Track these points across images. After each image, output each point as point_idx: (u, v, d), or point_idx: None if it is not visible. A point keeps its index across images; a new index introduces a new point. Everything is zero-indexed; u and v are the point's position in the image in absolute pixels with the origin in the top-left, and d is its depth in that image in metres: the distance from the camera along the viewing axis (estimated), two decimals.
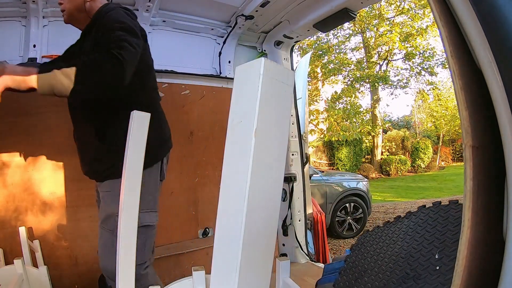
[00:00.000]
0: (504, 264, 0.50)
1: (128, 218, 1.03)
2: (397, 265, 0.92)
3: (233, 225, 0.69)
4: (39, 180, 1.86)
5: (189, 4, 2.00)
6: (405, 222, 1.11)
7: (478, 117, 0.53)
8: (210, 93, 2.32)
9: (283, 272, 0.99)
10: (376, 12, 12.32)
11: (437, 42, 12.94)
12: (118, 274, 0.98)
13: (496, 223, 0.53)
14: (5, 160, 1.80)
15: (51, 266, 1.70)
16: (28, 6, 1.69)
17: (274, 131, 0.71)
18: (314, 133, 12.90)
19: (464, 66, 0.54)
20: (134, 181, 1.06)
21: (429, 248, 0.89)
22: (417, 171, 14.18)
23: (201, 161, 2.32)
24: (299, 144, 2.47)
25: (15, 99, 1.81)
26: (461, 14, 0.53)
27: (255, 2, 1.94)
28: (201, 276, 0.95)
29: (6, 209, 1.79)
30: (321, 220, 2.74)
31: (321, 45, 12.89)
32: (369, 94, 14.15)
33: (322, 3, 1.86)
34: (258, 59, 0.66)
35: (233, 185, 0.72)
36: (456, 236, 0.86)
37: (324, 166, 13.69)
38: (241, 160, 0.68)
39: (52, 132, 1.87)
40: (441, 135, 16.11)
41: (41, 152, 1.87)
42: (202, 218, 2.30)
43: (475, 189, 0.51)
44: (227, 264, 0.71)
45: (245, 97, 0.69)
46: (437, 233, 0.93)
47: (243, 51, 2.41)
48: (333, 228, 4.91)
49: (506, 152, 0.50)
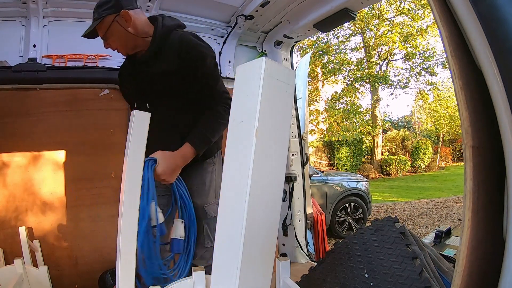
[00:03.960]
0: (504, 264, 0.50)
1: (128, 218, 1.03)
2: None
3: (233, 225, 0.69)
4: (39, 180, 1.86)
5: (189, 4, 2.00)
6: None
7: (478, 117, 0.53)
8: None
9: (283, 272, 0.99)
10: (376, 12, 12.32)
11: (437, 42, 12.95)
12: (118, 274, 0.98)
13: (496, 223, 0.53)
14: (5, 160, 1.80)
15: (51, 266, 1.70)
16: (28, 6, 1.69)
17: (275, 131, 0.71)
18: (314, 133, 12.89)
19: (464, 66, 0.54)
20: (135, 180, 1.06)
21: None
22: (417, 171, 14.18)
23: None
24: (299, 144, 2.47)
25: (15, 99, 1.81)
26: (461, 14, 0.53)
27: (255, 2, 1.94)
28: (201, 276, 0.95)
29: (6, 209, 1.79)
30: (321, 220, 2.74)
31: (321, 45, 12.88)
32: (369, 94, 14.16)
33: (322, 3, 1.86)
34: (259, 58, 0.66)
35: (233, 185, 0.72)
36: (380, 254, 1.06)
37: (324, 166, 13.69)
38: (242, 160, 0.68)
39: (52, 132, 1.87)
40: (441, 135, 16.11)
41: (41, 152, 1.87)
42: None
43: (475, 189, 0.52)
44: (227, 264, 0.71)
45: (246, 97, 0.69)
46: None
47: (243, 51, 2.41)
48: (333, 228, 4.91)
49: (506, 152, 0.50)
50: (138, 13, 1.27)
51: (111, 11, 1.21)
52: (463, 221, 0.52)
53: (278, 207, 0.79)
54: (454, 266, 0.55)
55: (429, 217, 6.07)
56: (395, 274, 0.98)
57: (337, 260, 1.17)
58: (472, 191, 0.51)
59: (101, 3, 1.23)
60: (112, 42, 1.28)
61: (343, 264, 1.13)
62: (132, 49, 1.32)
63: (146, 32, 1.28)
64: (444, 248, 2.27)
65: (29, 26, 1.75)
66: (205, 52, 1.28)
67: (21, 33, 1.77)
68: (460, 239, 0.53)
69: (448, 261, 1.23)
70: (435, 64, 12.88)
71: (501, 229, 0.53)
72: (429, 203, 7.46)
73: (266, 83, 0.65)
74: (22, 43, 1.78)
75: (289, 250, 2.42)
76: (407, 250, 1.03)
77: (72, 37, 1.88)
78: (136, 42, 1.29)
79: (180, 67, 1.25)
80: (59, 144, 1.88)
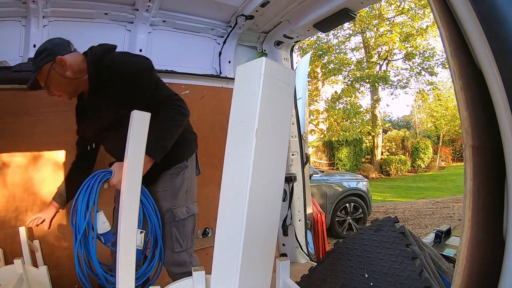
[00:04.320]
0: (504, 264, 0.50)
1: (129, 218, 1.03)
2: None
3: (233, 225, 0.69)
4: (39, 180, 1.86)
5: (189, 4, 2.00)
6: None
7: (478, 117, 0.53)
8: (210, 93, 2.32)
9: (283, 272, 0.99)
10: (376, 12, 12.32)
11: (437, 42, 12.94)
12: (118, 274, 0.98)
13: (496, 223, 0.53)
14: (5, 160, 1.80)
15: (51, 266, 1.69)
16: (28, 6, 1.69)
17: (275, 131, 0.71)
18: (314, 133, 12.87)
19: (464, 66, 0.54)
20: (135, 180, 1.06)
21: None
22: (417, 171, 14.18)
23: (201, 161, 2.31)
24: (299, 144, 2.47)
25: (15, 99, 1.81)
26: (461, 14, 0.53)
27: (255, 2, 1.94)
28: (201, 276, 0.95)
29: (6, 209, 1.79)
30: (321, 220, 2.74)
31: (321, 45, 12.87)
32: (369, 94, 14.15)
33: (322, 3, 1.86)
34: (259, 58, 0.66)
35: (233, 185, 0.72)
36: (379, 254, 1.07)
37: (324, 166, 13.69)
38: (242, 160, 0.68)
39: (52, 132, 1.87)
40: (441, 135, 16.11)
41: (41, 152, 1.87)
42: (202, 218, 2.29)
43: (475, 189, 0.51)
44: (227, 264, 0.71)
45: (246, 96, 0.69)
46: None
47: (243, 51, 2.41)
48: (333, 228, 4.90)
49: (506, 152, 0.50)
50: (73, 56, 1.31)
51: (48, 59, 1.25)
52: (463, 221, 0.52)
53: (278, 207, 0.79)
54: (454, 266, 0.55)
55: (429, 217, 6.07)
56: (395, 274, 0.98)
57: (337, 260, 1.17)
58: (472, 191, 0.51)
59: (37, 54, 1.27)
60: (54, 89, 1.31)
61: (343, 264, 1.13)
62: (75, 92, 1.36)
63: (84, 70, 1.31)
64: (444, 248, 2.27)
65: (29, 26, 1.75)
66: (135, 67, 1.31)
67: (21, 33, 1.77)
68: (460, 239, 0.53)
69: (448, 261, 1.23)
70: (435, 64, 12.88)
71: (501, 229, 0.53)
72: (429, 203, 7.46)
73: (266, 83, 0.65)
74: (22, 43, 1.78)
75: (289, 250, 2.42)
76: (407, 250, 1.03)
77: (72, 37, 1.87)
78: (77, 84, 1.32)
79: (120, 89, 1.28)
80: (59, 144, 1.88)
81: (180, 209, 1.42)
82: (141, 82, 1.30)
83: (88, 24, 1.90)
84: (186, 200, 1.46)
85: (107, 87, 1.29)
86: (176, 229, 1.41)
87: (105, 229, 1.21)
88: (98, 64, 1.29)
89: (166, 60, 2.14)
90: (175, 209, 1.41)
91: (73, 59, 1.29)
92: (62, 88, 1.31)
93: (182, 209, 1.43)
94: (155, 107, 1.30)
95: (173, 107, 1.32)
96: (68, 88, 1.32)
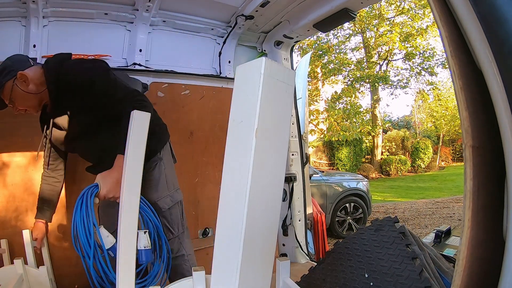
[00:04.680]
0: (504, 264, 0.50)
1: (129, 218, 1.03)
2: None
3: (233, 225, 0.69)
4: (39, 180, 1.85)
5: (189, 4, 2.00)
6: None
7: (478, 117, 0.53)
8: (210, 93, 2.32)
9: (283, 272, 0.99)
10: (376, 12, 12.31)
11: (437, 42, 12.93)
12: (118, 274, 0.98)
13: (496, 223, 0.53)
14: (5, 160, 1.80)
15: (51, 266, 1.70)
16: (28, 6, 1.69)
17: (275, 131, 0.71)
18: (314, 133, 12.87)
19: (464, 66, 0.54)
20: (135, 180, 1.06)
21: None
22: (417, 171, 14.18)
23: (201, 161, 2.32)
24: (299, 144, 2.47)
25: None
26: (461, 14, 0.53)
27: (255, 2, 1.94)
28: (201, 276, 0.95)
29: (7, 209, 1.79)
30: (321, 220, 2.74)
31: (321, 45, 12.87)
32: (369, 94, 14.16)
33: (322, 3, 1.86)
34: (259, 58, 0.66)
35: (233, 185, 0.72)
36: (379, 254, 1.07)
37: (324, 166, 13.69)
38: (241, 160, 0.68)
39: None
40: (441, 135, 16.11)
41: (41, 152, 1.86)
42: (202, 218, 2.30)
43: (475, 189, 0.51)
44: (227, 264, 0.71)
45: (246, 96, 0.69)
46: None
47: (243, 51, 2.41)
48: (333, 228, 4.91)
49: (506, 152, 0.50)
50: (33, 70, 1.30)
51: (9, 77, 1.25)
52: (463, 221, 0.52)
53: (278, 207, 0.79)
54: (454, 266, 0.55)
55: (429, 217, 6.07)
56: (395, 274, 0.98)
57: (337, 260, 1.17)
58: (472, 191, 0.51)
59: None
60: (19, 105, 1.32)
61: (343, 264, 1.13)
62: (39, 105, 1.37)
63: (45, 83, 1.31)
64: (444, 248, 2.27)
65: (29, 26, 1.75)
66: (92, 74, 1.31)
67: (21, 33, 1.77)
68: (460, 239, 0.53)
69: (448, 261, 1.23)
70: (435, 64, 12.88)
71: (501, 229, 0.53)
72: (429, 203, 7.46)
73: (266, 83, 0.65)
74: (22, 43, 1.77)
75: (289, 250, 2.42)
76: (407, 250, 1.03)
77: (72, 37, 1.88)
78: (40, 97, 1.33)
79: (81, 98, 1.30)
80: None
81: (164, 200, 1.46)
82: (100, 87, 1.31)
83: (88, 24, 1.90)
84: (168, 190, 1.49)
85: (68, 98, 1.31)
86: (164, 219, 1.45)
87: (111, 242, 1.20)
88: (55, 76, 1.29)
89: (166, 60, 2.14)
90: (159, 201, 1.44)
91: (33, 73, 1.29)
92: (27, 102, 1.32)
93: (166, 199, 1.47)
94: (116, 107, 1.31)
95: (135, 103, 1.30)
96: (32, 102, 1.33)
